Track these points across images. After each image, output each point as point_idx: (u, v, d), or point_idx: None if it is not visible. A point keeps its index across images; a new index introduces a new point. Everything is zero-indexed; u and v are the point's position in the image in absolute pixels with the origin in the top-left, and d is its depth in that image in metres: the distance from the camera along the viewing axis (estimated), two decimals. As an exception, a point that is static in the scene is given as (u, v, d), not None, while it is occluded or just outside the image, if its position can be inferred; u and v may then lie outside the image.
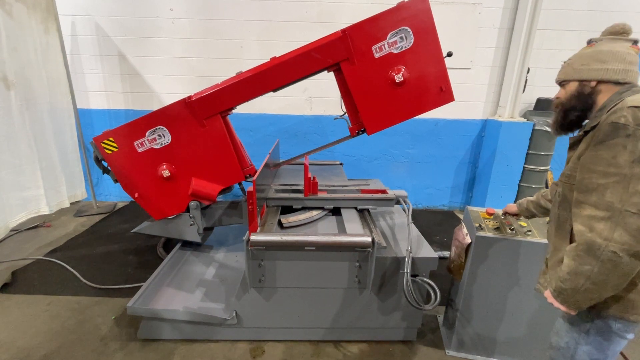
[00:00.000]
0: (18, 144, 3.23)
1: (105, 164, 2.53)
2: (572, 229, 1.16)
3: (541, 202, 1.64)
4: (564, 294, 1.11)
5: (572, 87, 1.20)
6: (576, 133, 1.23)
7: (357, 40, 2.16)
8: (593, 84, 1.14)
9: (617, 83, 1.11)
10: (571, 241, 1.19)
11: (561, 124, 1.26)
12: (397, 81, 2.19)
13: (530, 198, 1.72)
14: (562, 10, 3.97)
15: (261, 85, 2.28)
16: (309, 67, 2.23)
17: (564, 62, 1.25)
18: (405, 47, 2.17)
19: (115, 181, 2.55)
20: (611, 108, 1.05)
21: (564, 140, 1.25)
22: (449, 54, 2.22)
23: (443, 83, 2.23)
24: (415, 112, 2.31)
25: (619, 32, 1.14)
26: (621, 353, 1.23)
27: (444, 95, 2.26)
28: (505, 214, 1.90)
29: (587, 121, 1.20)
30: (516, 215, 1.85)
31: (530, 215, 1.74)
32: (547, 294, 1.19)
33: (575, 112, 1.20)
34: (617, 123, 0.99)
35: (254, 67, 2.29)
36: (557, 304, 1.15)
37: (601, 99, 1.14)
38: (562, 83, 1.25)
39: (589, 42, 1.20)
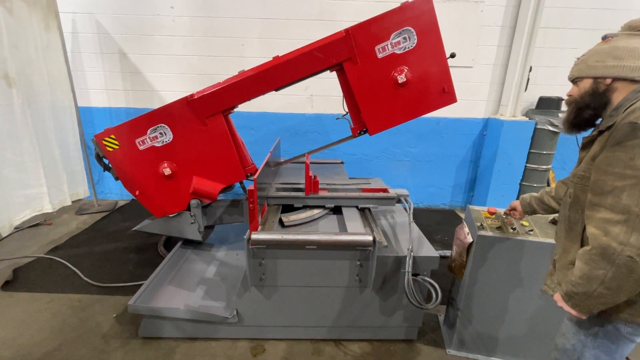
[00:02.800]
0: (20, 141, 3.24)
1: (106, 161, 2.53)
2: (583, 231, 1.13)
3: (544, 199, 1.61)
4: (576, 298, 1.08)
5: (586, 84, 1.15)
6: (589, 132, 1.19)
7: (360, 40, 2.15)
8: (608, 81, 1.10)
9: (633, 81, 1.06)
10: (582, 244, 1.16)
11: (573, 123, 1.22)
12: (399, 82, 2.18)
13: (534, 194, 1.69)
14: (565, 8, 3.95)
15: (264, 84, 2.27)
16: (312, 66, 2.22)
17: (577, 59, 1.20)
18: (408, 47, 2.15)
19: (117, 179, 2.55)
20: (628, 107, 1.01)
21: (567, 139, 1.23)
22: (452, 55, 2.21)
23: (446, 84, 2.22)
24: (417, 113, 2.30)
25: (637, 28, 1.08)
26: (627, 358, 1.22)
27: (447, 96, 2.25)
28: (511, 211, 1.84)
29: (600, 120, 1.16)
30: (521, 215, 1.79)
31: (532, 212, 1.70)
32: (557, 297, 1.17)
33: (588, 111, 1.16)
34: (636, 123, 0.95)
35: (257, 66, 2.28)
36: (567, 308, 1.13)
37: (617, 98, 1.09)
38: (575, 80, 1.20)
39: (604, 38, 1.15)
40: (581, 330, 1.19)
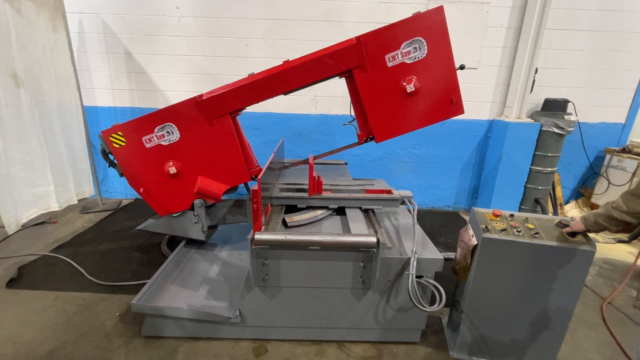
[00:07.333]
0: (28, 140, 3.26)
1: (112, 157, 2.54)
2: None
3: (615, 215, 1.48)
4: None
5: None
6: None
7: (370, 48, 2.15)
8: None
9: None
10: None
11: None
12: (408, 91, 2.19)
13: (597, 211, 1.57)
14: (571, 10, 3.92)
15: (273, 87, 2.28)
16: (322, 72, 2.23)
17: None
18: (418, 57, 2.16)
19: (121, 175, 2.57)
20: None
21: (572, 142, 1.20)
22: (462, 67, 2.22)
23: (454, 95, 2.22)
24: (424, 123, 2.30)
25: None
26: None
27: (454, 107, 2.25)
28: (567, 229, 1.74)
29: None
30: (584, 232, 1.69)
31: (600, 230, 1.58)
32: None
33: None
34: None
35: (267, 70, 2.29)
36: None
37: None
38: None
39: None
40: None
